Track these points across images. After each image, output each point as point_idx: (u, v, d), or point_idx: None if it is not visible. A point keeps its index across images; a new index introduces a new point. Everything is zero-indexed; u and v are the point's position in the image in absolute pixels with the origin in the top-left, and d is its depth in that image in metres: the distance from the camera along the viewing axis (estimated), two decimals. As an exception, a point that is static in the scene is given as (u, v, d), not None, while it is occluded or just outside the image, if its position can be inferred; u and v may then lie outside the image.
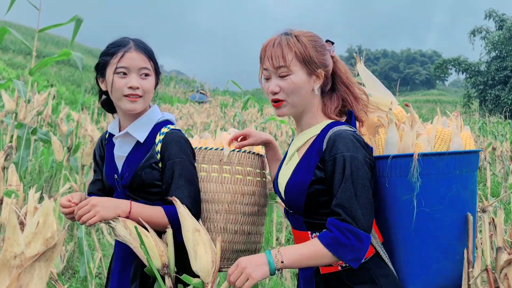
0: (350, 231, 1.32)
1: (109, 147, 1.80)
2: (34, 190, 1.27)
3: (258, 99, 28.59)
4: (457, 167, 1.50)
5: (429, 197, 1.47)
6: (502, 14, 36.13)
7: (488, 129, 16.07)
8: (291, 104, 1.51)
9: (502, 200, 6.47)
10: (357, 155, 1.38)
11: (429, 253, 1.49)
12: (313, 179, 1.43)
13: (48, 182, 5.34)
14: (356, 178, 1.36)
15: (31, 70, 3.68)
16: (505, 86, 32.88)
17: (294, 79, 1.47)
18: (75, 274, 3.91)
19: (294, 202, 1.48)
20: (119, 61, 1.62)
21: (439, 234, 1.49)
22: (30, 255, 0.78)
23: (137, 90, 1.63)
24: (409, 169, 1.46)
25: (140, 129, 1.70)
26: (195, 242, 1.39)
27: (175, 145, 1.66)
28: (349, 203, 1.34)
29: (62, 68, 24.34)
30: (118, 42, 1.68)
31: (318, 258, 1.36)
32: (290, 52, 1.46)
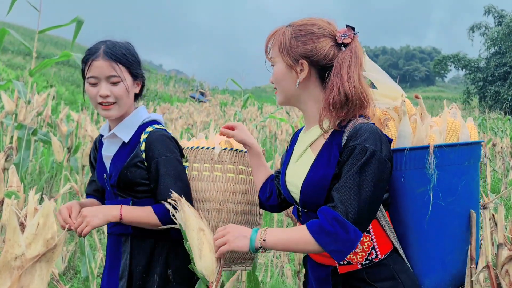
0: (337, 220, 1.26)
1: (100, 148, 1.84)
2: (34, 191, 1.26)
3: (258, 97, 28.56)
4: (466, 158, 1.51)
5: (442, 188, 1.46)
6: (501, 10, 36.08)
7: (488, 125, 16.06)
8: (280, 93, 1.50)
9: (502, 196, 6.48)
10: (377, 150, 1.30)
11: (443, 245, 1.49)
12: (334, 174, 1.35)
13: (48, 183, 5.34)
14: (367, 171, 1.28)
15: (31, 71, 3.68)
16: (504, 82, 32.85)
17: (275, 69, 1.48)
18: (76, 274, 3.91)
19: (313, 199, 1.40)
20: (88, 71, 1.66)
21: (452, 225, 1.49)
22: (30, 256, 0.78)
23: (108, 98, 1.65)
24: (425, 161, 1.45)
25: (125, 129, 1.74)
26: (200, 241, 1.37)
27: (159, 144, 1.68)
28: (347, 191, 1.28)
29: (62, 69, 24.34)
30: (90, 49, 1.70)
31: (302, 244, 1.32)
32: (275, 43, 1.47)
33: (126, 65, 1.68)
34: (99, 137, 1.90)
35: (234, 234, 1.35)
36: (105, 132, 1.81)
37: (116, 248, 1.73)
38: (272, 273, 4.10)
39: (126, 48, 1.72)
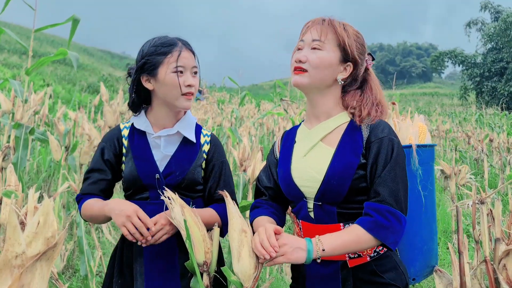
0: (391, 213, 1.32)
1: (138, 144, 1.75)
2: (33, 189, 1.27)
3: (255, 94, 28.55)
4: (430, 158, 1.74)
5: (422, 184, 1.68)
6: (498, 5, 36.15)
7: (485, 121, 16.12)
8: (312, 78, 1.48)
9: (500, 191, 6.51)
10: (400, 142, 1.43)
11: (422, 236, 1.66)
12: (359, 164, 1.41)
13: (46, 182, 5.33)
14: (400, 163, 1.39)
15: (27, 70, 3.66)
16: (501, 78, 32.94)
17: (323, 54, 1.47)
18: (75, 273, 3.91)
19: (335, 189, 1.41)
20: (178, 60, 1.65)
21: (426, 217, 1.67)
22: (31, 254, 0.78)
23: (191, 88, 1.68)
24: (409, 159, 1.62)
25: (188, 128, 1.77)
26: (240, 243, 1.32)
27: (221, 147, 1.84)
28: (393, 183, 1.35)
29: (58, 67, 24.25)
30: (168, 42, 1.69)
31: (360, 243, 1.33)
32: (333, 32, 1.48)
33: (198, 61, 1.75)
34: (119, 132, 1.79)
35: (291, 246, 1.29)
36: (149, 129, 1.74)
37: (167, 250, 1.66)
38: (271, 270, 4.11)
39: None
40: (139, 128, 1.74)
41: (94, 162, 1.76)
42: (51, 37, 39.77)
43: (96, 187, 1.73)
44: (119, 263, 1.75)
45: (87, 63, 32.92)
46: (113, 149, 1.76)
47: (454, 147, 10.27)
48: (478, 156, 8.75)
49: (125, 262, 1.73)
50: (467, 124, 15.74)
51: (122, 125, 1.81)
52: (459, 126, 15.35)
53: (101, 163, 1.75)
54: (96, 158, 1.76)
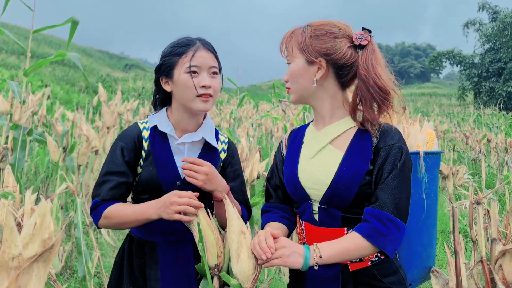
0: (390, 220, 1.31)
1: (160, 148, 1.66)
2: (30, 191, 1.27)
3: (254, 95, 28.54)
4: (436, 166, 1.73)
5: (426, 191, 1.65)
6: (495, 6, 36.23)
7: (483, 121, 16.14)
8: (294, 92, 1.52)
9: (497, 191, 6.52)
10: (408, 150, 1.42)
11: (422, 241, 1.65)
12: (368, 170, 1.39)
13: (44, 183, 5.33)
14: (406, 171, 1.38)
15: (26, 71, 3.66)
16: (499, 78, 33.00)
17: (292, 66, 1.49)
18: (73, 274, 3.91)
19: (342, 194, 1.40)
20: (192, 60, 1.59)
21: (429, 224, 1.67)
22: (28, 256, 0.78)
23: (209, 89, 1.60)
24: (416, 166, 1.62)
25: (210, 134, 1.72)
26: (239, 244, 1.32)
27: (237, 155, 1.80)
28: (396, 190, 1.35)
29: (56, 68, 24.23)
30: (185, 42, 1.64)
31: (359, 251, 1.33)
32: (293, 41, 1.49)
33: (219, 60, 1.69)
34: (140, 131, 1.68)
35: (288, 249, 1.31)
36: (171, 131, 1.66)
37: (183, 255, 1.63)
38: (270, 271, 4.11)
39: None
40: (163, 130, 1.65)
41: (113, 163, 1.61)
42: (49, 38, 39.72)
43: (117, 193, 1.59)
44: (129, 269, 1.69)
45: (85, 63, 32.89)
46: (133, 150, 1.64)
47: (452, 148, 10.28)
48: (476, 156, 8.77)
49: (136, 267, 1.68)
50: (465, 125, 15.76)
51: (141, 125, 1.69)
52: (457, 127, 15.37)
53: (122, 165, 1.61)
54: (116, 159, 1.61)
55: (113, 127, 6.23)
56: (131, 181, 1.64)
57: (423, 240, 1.67)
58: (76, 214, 3.12)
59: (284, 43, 1.52)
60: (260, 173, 3.57)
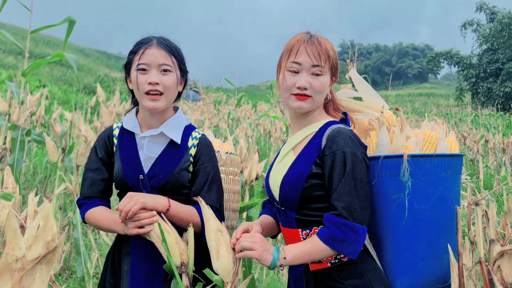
0: (346, 226, 1.37)
1: (126, 144, 1.73)
2: (33, 193, 1.27)
3: (252, 95, 28.55)
4: (443, 169, 1.57)
5: (417, 196, 1.53)
6: (493, 6, 36.32)
7: (481, 121, 16.19)
8: (315, 102, 1.56)
9: (495, 192, 6.54)
10: (356, 152, 1.44)
11: (416, 250, 1.55)
12: (309, 173, 1.47)
13: (42, 183, 5.32)
14: (355, 173, 1.42)
15: (24, 72, 3.66)
16: (496, 79, 33.08)
17: (324, 80, 1.54)
18: (72, 274, 3.91)
19: (289, 196, 1.51)
20: (140, 58, 1.62)
21: (425, 232, 1.54)
22: (31, 258, 0.79)
23: (157, 86, 1.61)
24: (399, 169, 1.52)
25: (174, 130, 1.72)
26: (217, 242, 1.42)
27: (210, 151, 1.76)
28: (348, 197, 1.40)
29: (54, 68, 24.19)
30: (142, 40, 1.68)
31: (319, 253, 1.43)
32: (327, 55, 1.53)
33: (177, 58, 1.69)
34: (111, 131, 1.78)
35: (262, 245, 1.42)
36: (137, 129, 1.72)
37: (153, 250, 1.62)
38: (268, 271, 4.12)
39: (177, 44, 1.73)
40: (127, 128, 1.73)
41: (90, 161, 1.76)
42: (47, 38, 39.64)
43: (95, 189, 1.73)
44: (111, 263, 1.77)
45: (83, 63, 32.84)
46: (104, 148, 1.75)
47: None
48: (473, 156, 8.79)
49: (117, 262, 1.74)
50: (463, 125, 15.81)
51: (115, 124, 1.79)
52: (455, 127, 15.41)
53: (96, 162, 1.74)
54: (91, 158, 1.76)
55: (111, 127, 6.22)
56: (107, 177, 1.75)
57: (418, 248, 1.55)
58: (74, 215, 3.13)
59: (314, 49, 1.52)
60: (259, 174, 3.58)
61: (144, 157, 1.69)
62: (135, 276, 1.67)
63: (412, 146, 1.61)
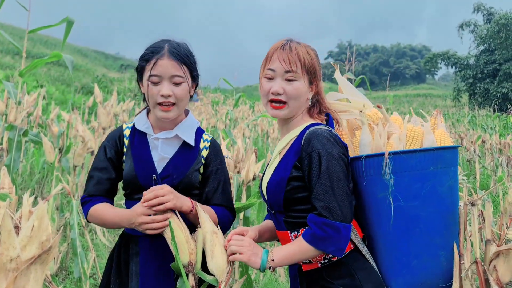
0: (327, 225, 1.39)
1: (138, 144, 1.75)
2: (28, 193, 1.27)
3: (250, 96, 28.55)
4: (431, 164, 1.51)
5: (403, 193, 1.50)
6: (490, 7, 36.42)
7: (478, 122, 16.23)
8: (291, 108, 1.58)
9: (491, 192, 6.56)
10: (331, 151, 1.45)
11: (408, 249, 1.53)
12: (289, 176, 1.50)
13: (39, 184, 5.31)
14: (331, 172, 1.43)
15: (21, 72, 3.65)
16: (494, 79, 33.19)
17: (298, 85, 1.55)
18: (69, 275, 3.90)
19: (275, 200, 1.55)
20: (152, 69, 1.63)
21: (416, 230, 1.51)
22: (26, 258, 0.79)
23: (170, 98, 1.64)
24: (381, 168, 1.50)
25: (188, 132, 1.76)
26: (212, 243, 1.46)
27: (220, 153, 1.83)
28: (325, 196, 1.42)
29: (52, 68, 24.13)
30: (153, 48, 1.68)
31: (304, 253, 1.45)
32: (302, 61, 1.55)
33: (189, 66, 1.69)
34: (122, 131, 1.79)
35: (250, 249, 1.46)
36: (149, 130, 1.75)
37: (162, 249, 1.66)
38: (266, 272, 4.12)
39: (188, 49, 1.73)
40: (139, 128, 1.75)
41: (97, 160, 1.76)
42: (44, 38, 39.55)
43: (101, 188, 1.73)
44: (116, 263, 1.76)
45: (81, 63, 32.77)
46: (115, 147, 1.76)
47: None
48: (470, 157, 8.82)
49: (122, 262, 1.74)
50: (460, 125, 15.84)
51: (125, 125, 1.81)
52: (452, 127, 15.45)
53: (104, 161, 1.75)
54: (99, 157, 1.76)
55: (109, 128, 6.22)
56: (114, 177, 1.76)
57: (409, 248, 1.52)
58: (71, 215, 3.12)
59: (288, 58, 1.54)
60: (256, 174, 3.58)
61: (157, 157, 1.72)
62: (145, 276, 1.68)
63: (395, 143, 1.60)
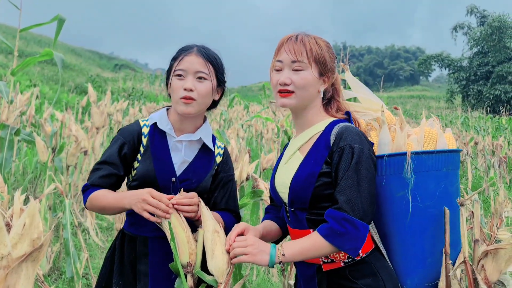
0: (346, 220, 1.36)
1: (159, 145, 1.74)
2: (19, 191, 1.27)
3: (244, 96, 28.54)
4: (443, 165, 1.59)
5: (420, 193, 1.54)
6: (483, 10, 36.68)
7: (471, 124, 16.34)
8: (299, 98, 1.55)
9: (483, 194, 6.61)
10: (364, 148, 1.44)
11: (423, 247, 1.56)
12: (320, 171, 1.46)
13: (32, 183, 5.28)
14: (360, 169, 1.41)
15: (13, 71, 3.64)
16: (487, 81, 33.42)
17: (306, 75, 1.53)
18: (61, 275, 3.88)
19: (300, 196, 1.50)
20: (178, 64, 1.67)
21: (431, 228, 1.56)
22: (16, 256, 0.79)
23: (191, 93, 1.65)
24: (403, 167, 1.54)
25: (208, 137, 1.80)
26: (213, 242, 1.43)
27: (230, 161, 1.88)
28: (349, 191, 1.39)
29: (45, 68, 24.00)
30: (183, 48, 1.73)
31: (318, 249, 1.41)
32: (308, 50, 1.53)
33: (215, 67, 1.72)
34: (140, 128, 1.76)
35: (256, 248, 1.41)
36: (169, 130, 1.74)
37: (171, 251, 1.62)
38: (258, 272, 4.12)
39: (218, 54, 1.77)
40: (162, 129, 1.74)
41: (110, 154, 1.72)
42: (38, 37, 39.31)
43: (106, 181, 1.70)
44: (119, 264, 1.74)
45: (75, 63, 32.61)
46: (132, 145, 1.73)
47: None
48: (463, 158, 8.88)
49: (127, 262, 1.72)
50: (453, 127, 15.93)
51: (142, 122, 1.78)
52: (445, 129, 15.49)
53: (116, 158, 1.71)
54: (113, 152, 1.72)
55: (102, 128, 6.21)
56: (122, 174, 1.73)
57: (424, 245, 1.56)
58: (64, 215, 3.11)
59: (292, 46, 1.54)
60: (249, 175, 3.59)
61: (178, 160, 1.73)
62: (156, 277, 1.67)
63: (414, 144, 1.64)
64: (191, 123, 1.76)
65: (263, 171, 5.03)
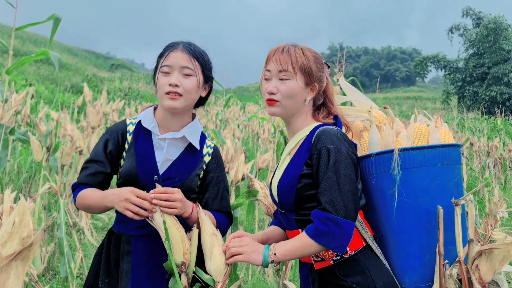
0: (330, 219, 1.41)
1: (142, 143, 1.74)
2: (10, 190, 1.26)
3: (240, 96, 28.55)
4: (438, 160, 1.60)
5: (413, 189, 1.56)
6: (479, 12, 36.82)
7: (466, 125, 16.39)
8: (283, 106, 1.62)
9: (478, 194, 6.63)
10: (340, 148, 1.49)
11: (420, 244, 1.57)
12: (301, 174, 1.53)
13: (27, 183, 5.26)
14: (339, 168, 1.46)
15: (8, 70, 3.62)
16: (482, 83, 33.55)
17: (291, 84, 1.59)
18: (56, 275, 3.86)
19: (286, 198, 1.57)
20: (164, 60, 1.67)
21: (427, 225, 1.56)
22: (6, 254, 0.78)
23: (177, 88, 1.65)
24: (391, 164, 1.56)
25: (194, 135, 1.78)
26: (211, 244, 1.48)
27: (221, 161, 1.87)
28: (330, 191, 1.44)
29: (41, 67, 23.92)
30: (169, 44, 1.73)
31: (307, 248, 1.47)
32: (294, 60, 1.59)
33: (201, 63, 1.72)
34: (125, 126, 1.77)
35: (250, 247, 1.49)
36: (156, 129, 1.74)
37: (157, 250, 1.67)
38: (254, 272, 4.12)
39: (204, 51, 1.77)
40: (146, 127, 1.74)
41: (95, 153, 1.75)
42: (33, 36, 39.18)
43: (93, 179, 1.72)
44: (105, 261, 1.74)
45: (71, 63, 32.52)
46: (116, 143, 1.75)
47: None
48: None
49: (113, 261, 1.72)
50: (449, 128, 15.97)
51: (129, 120, 1.80)
52: (441, 130, 15.53)
53: (102, 155, 1.73)
54: (98, 150, 1.75)
55: (98, 127, 6.18)
56: (109, 172, 1.74)
57: (421, 242, 1.56)
58: (59, 215, 3.10)
59: (280, 59, 1.60)
60: (245, 175, 3.58)
61: (161, 158, 1.72)
62: (137, 277, 1.66)
63: (403, 141, 1.65)
64: (178, 121, 1.75)
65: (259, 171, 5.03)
